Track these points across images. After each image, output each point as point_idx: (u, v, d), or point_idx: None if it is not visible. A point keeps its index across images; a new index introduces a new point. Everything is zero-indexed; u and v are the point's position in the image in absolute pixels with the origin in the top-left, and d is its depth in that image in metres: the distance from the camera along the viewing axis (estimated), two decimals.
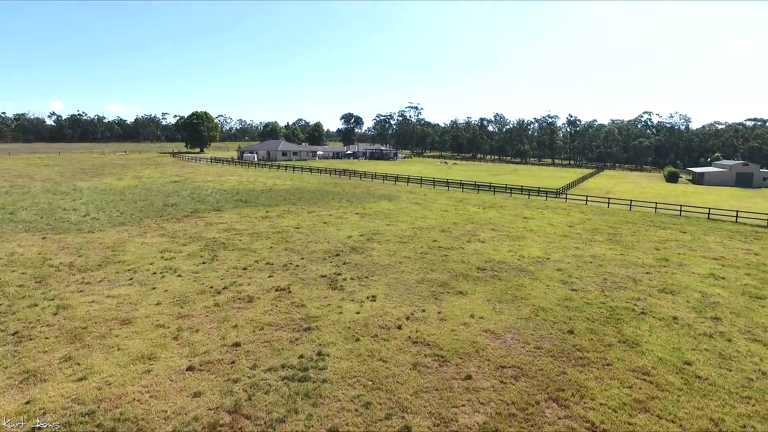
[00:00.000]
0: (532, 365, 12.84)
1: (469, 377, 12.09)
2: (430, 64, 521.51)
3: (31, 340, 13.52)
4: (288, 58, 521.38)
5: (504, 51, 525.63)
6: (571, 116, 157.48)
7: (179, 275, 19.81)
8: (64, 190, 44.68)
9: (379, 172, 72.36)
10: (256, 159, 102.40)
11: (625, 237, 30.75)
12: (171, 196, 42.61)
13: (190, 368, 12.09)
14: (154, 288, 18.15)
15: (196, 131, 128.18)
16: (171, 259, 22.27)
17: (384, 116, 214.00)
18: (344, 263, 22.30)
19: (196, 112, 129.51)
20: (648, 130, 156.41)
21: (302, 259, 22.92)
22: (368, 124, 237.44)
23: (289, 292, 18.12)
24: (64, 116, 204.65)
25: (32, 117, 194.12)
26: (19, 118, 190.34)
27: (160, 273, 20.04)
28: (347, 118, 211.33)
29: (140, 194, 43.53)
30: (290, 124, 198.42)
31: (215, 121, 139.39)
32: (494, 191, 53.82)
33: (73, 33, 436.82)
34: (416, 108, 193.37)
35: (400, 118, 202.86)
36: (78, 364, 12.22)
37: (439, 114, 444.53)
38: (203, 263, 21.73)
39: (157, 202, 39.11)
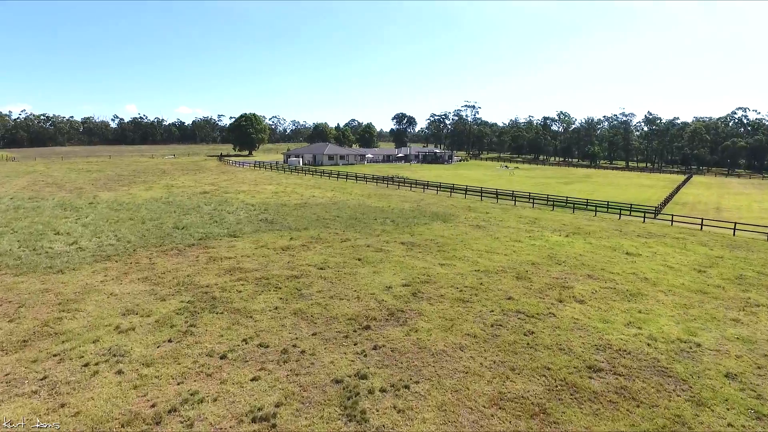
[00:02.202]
0: None
1: None
2: (487, 61, 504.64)
3: None
4: (342, 58, 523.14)
5: (568, 47, 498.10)
6: (650, 114, 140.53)
7: (119, 371, 12.87)
8: (79, 205, 40.15)
9: (432, 181, 64.20)
10: (300, 164, 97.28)
11: None
12: (188, 214, 36.79)
13: None
14: (62, 405, 11.26)
15: (244, 134, 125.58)
16: (129, 330, 15.47)
17: (438, 116, 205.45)
18: (375, 347, 14.58)
19: (245, 113, 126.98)
20: (742, 129, 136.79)
21: (314, 335, 15.43)
22: (422, 124, 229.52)
23: (273, 425, 10.62)
24: (127, 119, 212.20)
25: (98, 120, 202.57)
26: (86, 121, 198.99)
27: (95, 364, 13.24)
28: (399, 118, 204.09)
29: (156, 210, 38.08)
30: (340, 125, 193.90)
31: (264, 122, 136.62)
32: (573, 208, 44.06)
33: (142, 38, 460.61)
34: (473, 107, 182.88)
35: (456, 118, 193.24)
36: None
37: (497, 113, 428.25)
38: (168, 341, 14.75)
39: (168, 222, 33.29)
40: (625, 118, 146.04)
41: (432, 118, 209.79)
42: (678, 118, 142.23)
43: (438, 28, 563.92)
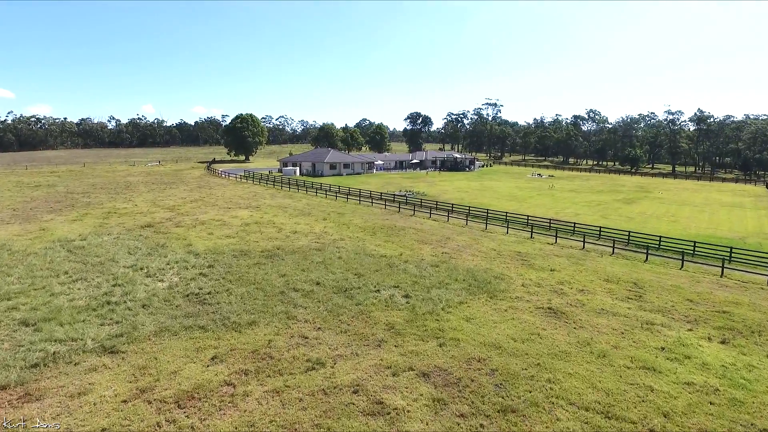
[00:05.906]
0: None
1: None
2: (508, 57, 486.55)
3: None
4: (355, 56, 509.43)
5: (594, 42, 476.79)
6: (701, 111, 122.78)
7: None
8: None
9: (459, 204, 50.14)
10: (297, 173, 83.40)
11: None
12: (82, 281, 23.12)
13: None
14: None
15: (239, 137, 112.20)
16: None
17: (456, 115, 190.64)
18: None
19: (241, 114, 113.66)
20: None
21: None
22: (438, 124, 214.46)
23: None
24: (124, 120, 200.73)
25: (94, 122, 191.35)
26: (81, 123, 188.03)
27: None
28: (414, 118, 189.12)
29: (36, 271, 24.45)
30: (349, 126, 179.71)
31: (262, 124, 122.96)
32: (681, 261, 28.97)
33: (161, 37, 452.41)
34: (495, 105, 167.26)
35: (475, 117, 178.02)
36: None
37: (518, 112, 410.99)
38: None
39: (25, 306, 19.61)
40: (671, 117, 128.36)
41: (449, 118, 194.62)
42: (732, 117, 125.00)
43: (455, 22, 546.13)
